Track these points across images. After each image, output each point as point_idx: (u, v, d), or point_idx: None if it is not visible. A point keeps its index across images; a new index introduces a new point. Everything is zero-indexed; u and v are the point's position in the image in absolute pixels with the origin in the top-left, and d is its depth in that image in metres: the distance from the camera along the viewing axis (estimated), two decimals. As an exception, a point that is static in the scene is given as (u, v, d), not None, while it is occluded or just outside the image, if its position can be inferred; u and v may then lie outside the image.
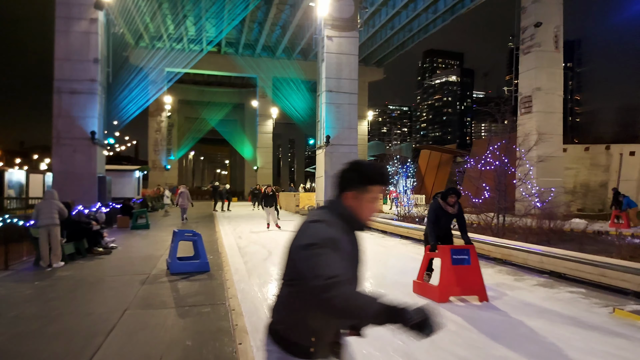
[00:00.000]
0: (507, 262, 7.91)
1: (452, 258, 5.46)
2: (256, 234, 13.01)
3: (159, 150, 39.99)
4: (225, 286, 6.03)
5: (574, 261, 6.33)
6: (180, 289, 6.06)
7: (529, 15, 22.15)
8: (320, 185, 18.75)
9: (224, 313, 4.77)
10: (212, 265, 7.50)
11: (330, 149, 18.38)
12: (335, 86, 18.72)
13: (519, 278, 6.83)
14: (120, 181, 21.75)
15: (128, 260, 8.38)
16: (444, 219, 5.95)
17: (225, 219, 18.31)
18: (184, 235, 7.30)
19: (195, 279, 6.66)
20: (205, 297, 5.51)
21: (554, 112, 21.79)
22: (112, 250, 9.44)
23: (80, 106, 16.94)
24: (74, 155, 16.79)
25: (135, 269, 7.51)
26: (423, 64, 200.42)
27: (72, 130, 16.78)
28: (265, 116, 41.27)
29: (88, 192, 16.60)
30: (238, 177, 56.38)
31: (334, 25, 18.82)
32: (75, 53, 16.97)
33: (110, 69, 18.86)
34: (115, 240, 10.55)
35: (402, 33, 36.74)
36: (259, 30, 36.10)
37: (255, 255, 9.10)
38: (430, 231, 5.82)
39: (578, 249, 10.05)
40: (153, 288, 6.07)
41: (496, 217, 13.01)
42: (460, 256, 5.50)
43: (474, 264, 5.52)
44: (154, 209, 24.74)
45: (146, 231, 13.93)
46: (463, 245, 5.71)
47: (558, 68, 21.99)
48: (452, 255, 5.47)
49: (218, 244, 10.41)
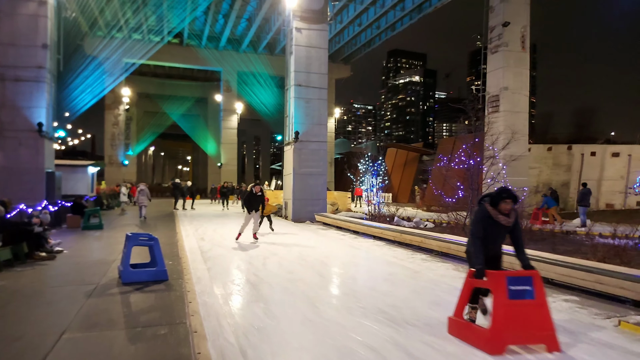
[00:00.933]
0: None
1: (508, 289, 3.88)
2: (220, 235, 12.17)
3: (116, 145, 38.03)
4: (185, 299, 5.26)
5: (567, 267, 5.95)
6: (133, 303, 5.24)
7: (497, 15, 22.21)
8: (289, 183, 18.03)
9: (184, 336, 4.03)
10: (171, 273, 6.68)
11: (299, 145, 17.68)
12: (304, 80, 18.03)
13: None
14: (72, 177, 20.26)
15: (74, 267, 7.41)
16: (494, 233, 4.27)
17: (186, 218, 17.29)
18: (138, 239, 6.44)
19: (151, 289, 5.84)
20: (162, 314, 4.73)
21: (520, 112, 21.94)
22: (56, 255, 8.40)
23: (26, 95, 15.52)
24: (19, 149, 15.38)
25: (82, 277, 6.59)
26: (387, 64, 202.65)
27: (16, 122, 15.35)
28: (230, 111, 40.02)
29: (34, 190, 15.23)
30: (201, 174, 54.74)
31: (303, 17, 18.10)
32: (21, 37, 15.52)
33: (61, 56, 17.45)
34: (62, 243, 9.46)
35: (370, 30, 36.51)
36: (223, 22, 34.87)
37: (220, 259, 8.32)
38: (476, 250, 4.17)
39: (551, 249, 9.89)
40: (100, 302, 5.21)
41: (469, 216, 12.74)
42: (520, 287, 3.93)
43: (539, 297, 3.95)
44: (109, 207, 23.30)
45: (99, 232, 12.80)
46: (524, 272, 4.11)
47: (525, 68, 22.16)
48: (508, 286, 3.89)
49: (178, 247, 9.54)
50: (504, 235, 4.32)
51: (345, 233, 13.16)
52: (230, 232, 12.60)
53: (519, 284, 3.91)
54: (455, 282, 6.47)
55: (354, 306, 5.14)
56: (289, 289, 6.02)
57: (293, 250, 9.62)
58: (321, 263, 8.16)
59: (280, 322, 4.58)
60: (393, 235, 10.70)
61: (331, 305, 5.24)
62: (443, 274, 7.07)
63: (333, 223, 15.04)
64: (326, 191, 18.75)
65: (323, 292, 5.94)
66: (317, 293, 5.80)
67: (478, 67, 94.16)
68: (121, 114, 38.18)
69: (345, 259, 8.70)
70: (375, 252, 9.60)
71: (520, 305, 3.86)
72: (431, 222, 15.94)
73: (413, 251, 9.49)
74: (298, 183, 17.70)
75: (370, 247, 10.33)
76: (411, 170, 34.82)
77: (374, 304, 5.21)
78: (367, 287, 6.11)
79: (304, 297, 5.59)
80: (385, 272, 7.10)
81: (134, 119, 42.51)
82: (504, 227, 4.20)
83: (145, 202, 16.64)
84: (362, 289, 6.03)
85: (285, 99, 19.23)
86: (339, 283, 6.44)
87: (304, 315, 4.81)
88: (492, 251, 4.32)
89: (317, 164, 18.10)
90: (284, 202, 18.88)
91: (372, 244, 10.77)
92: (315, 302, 5.31)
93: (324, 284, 6.48)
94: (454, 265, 7.78)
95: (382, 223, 13.63)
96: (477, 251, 4.15)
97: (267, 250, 9.51)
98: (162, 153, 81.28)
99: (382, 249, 10.01)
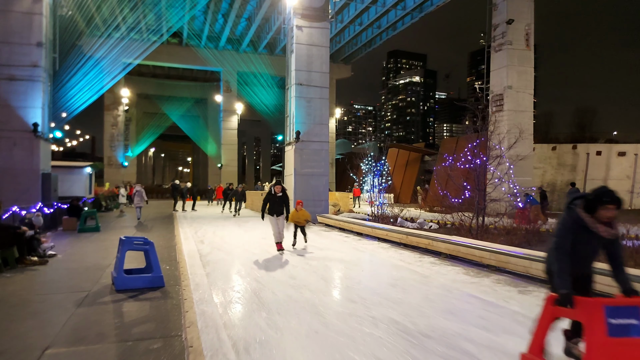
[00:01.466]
0: (501, 269, 7.13)
1: (607, 323, 2.82)
2: (220, 237, 11.81)
3: (115, 146, 37.78)
4: (182, 308, 4.90)
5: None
6: (126, 313, 4.88)
7: (501, 12, 21.90)
8: (290, 183, 17.66)
9: (179, 351, 3.67)
10: (167, 279, 6.33)
11: (301, 145, 17.33)
12: (305, 79, 17.68)
13: (523, 289, 6.04)
14: (70, 179, 19.90)
15: (66, 273, 7.06)
16: (588, 246, 3.30)
17: (186, 220, 16.93)
18: (133, 244, 6.09)
19: (145, 297, 5.48)
20: (157, 326, 4.37)
21: (525, 111, 21.62)
22: (48, 260, 8.04)
23: (20, 94, 15.19)
24: (13, 150, 15.05)
25: (73, 284, 6.24)
26: (387, 64, 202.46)
27: (11, 122, 15.02)
28: (230, 112, 39.70)
29: (29, 191, 14.91)
30: (201, 175, 54.37)
31: (304, 14, 17.77)
32: (15, 35, 15.19)
33: (57, 55, 17.08)
34: (55, 247, 9.13)
35: (371, 29, 36.19)
36: (223, 21, 34.55)
37: (219, 264, 7.96)
38: (561, 268, 3.18)
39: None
40: (90, 312, 4.85)
41: (475, 217, 12.39)
42: (623, 320, 2.86)
43: None
44: (108, 209, 22.97)
45: (96, 234, 12.45)
46: (628, 299, 3.05)
47: (529, 66, 21.85)
48: (607, 318, 2.84)
49: (176, 251, 9.18)
50: (598, 250, 3.36)
51: (349, 235, 12.80)
52: (230, 235, 12.27)
53: (623, 316, 2.87)
54: (467, 288, 6.11)
55: (363, 315, 4.77)
56: (293, 296, 5.66)
57: (296, 253, 9.26)
58: (325, 267, 7.80)
59: (284, 334, 4.22)
60: (399, 237, 10.34)
61: (338, 314, 4.88)
62: (454, 278, 6.71)
63: (336, 224, 14.68)
64: (328, 192, 18.40)
65: (329, 299, 5.57)
66: (323, 301, 5.43)
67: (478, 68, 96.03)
68: (120, 114, 37.89)
69: (350, 263, 8.35)
70: (380, 254, 9.24)
71: (625, 345, 2.82)
72: (435, 223, 15.60)
73: (420, 254, 9.13)
74: (299, 184, 17.35)
75: (376, 249, 9.97)
76: (413, 171, 34.43)
77: (385, 313, 4.85)
78: (375, 294, 5.74)
79: (308, 305, 5.23)
80: (393, 276, 6.74)
81: (133, 120, 42.21)
82: (600, 240, 3.23)
83: (141, 203, 16.49)
84: (370, 295, 5.67)
85: (286, 99, 18.88)
86: (346, 289, 6.07)
87: (310, 326, 4.45)
88: (582, 270, 3.35)
89: (318, 164, 17.76)
90: (285, 204, 18.51)
91: (377, 246, 10.41)
92: (321, 311, 4.95)
93: (329, 291, 6.12)
94: (464, 269, 7.41)
95: (385, 224, 13.29)
96: (562, 270, 3.16)
97: (268, 253, 9.15)
98: (162, 154, 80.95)
99: (388, 251, 9.65)
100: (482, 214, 12.28)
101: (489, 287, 6.17)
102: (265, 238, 11.53)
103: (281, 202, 9.29)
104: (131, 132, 41.38)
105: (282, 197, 9.34)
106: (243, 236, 12.11)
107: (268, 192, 9.46)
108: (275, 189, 9.29)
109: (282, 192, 9.33)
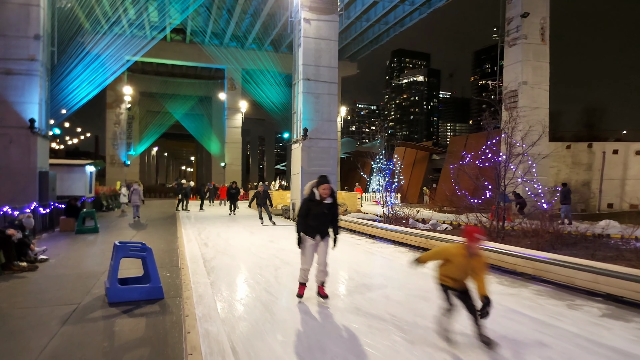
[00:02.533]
0: (536, 278, 6.39)
1: None
2: (225, 240, 11.11)
3: (118, 144, 37.18)
4: (183, 328, 4.19)
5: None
6: (117, 333, 4.17)
7: (515, 6, 21.11)
8: (297, 182, 16.96)
9: (179, 390, 2.96)
10: (167, 288, 5.64)
11: (308, 143, 16.61)
12: (313, 74, 16.96)
13: (571, 304, 5.30)
14: (69, 177, 19.24)
15: (56, 281, 6.37)
16: None
17: (189, 220, 16.24)
18: (128, 250, 5.39)
19: (142, 312, 4.78)
20: (152, 351, 3.67)
21: (540, 108, 20.80)
22: (38, 266, 7.36)
23: (17, 90, 14.53)
24: (9, 147, 14.38)
25: (62, 295, 5.54)
26: (391, 64, 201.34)
27: (6, 118, 14.35)
28: (234, 110, 39.02)
29: (26, 190, 14.23)
30: (205, 174, 53.78)
31: (312, 7, 17.04)
32: (11, 27, 14.51)
33: (55, 49, 16.41)
34: (48, 250, 8.46)
35: (378, 26, 35.40)
36: (227, 18, 33.84)
37: (225, 270, 7.25)
38: None
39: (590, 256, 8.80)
40: (77, 332, 4.16)
41: (495, 218, 11.67)
42: None
43: None
44: (109, 209, 22.36)
45: (94, 236, 11.80)
46: None
47: (545, 61, 21.02)
48: None
49: (178, 255, 8.49)
50: None
51: (361, 237, 12.07)
52: (235, 237, 11.56)
53: None
54: (508, 301, 5.35)
55: (398, 340, 4.04)
56: (310, 312, 4.95)
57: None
58: (342, 275, 7.08)
59: (305, 363, 3.51)
60: (417, 240, 9.60)
61: (369, 337, 4.15)
62: (492, 290, 5.94)
63: (346, 226, 13.95)
64: (337, 191, 17.66)
65: (354, 317, 4.81)
66: (348, 319, 4.70)
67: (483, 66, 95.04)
68: (123, 112, 37.32)
69: (369, 270, 7.63)
70: (400, 260, 8.49)
71: None
72: (448, 223, 14.89)
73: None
74: (307, 183, 16.61)
75: (393, 254, 9.23)
76: (420, 170, 33.69)
77: (425, 337, 4.11)
78: (407, 310, 5.00)
79: (330, 324, 4.52)
80: (421, 287, 6.00)
81: (136, 118, 41.66)
82: None
83: (138, 202, 16.33)
84: (401, 312, 4.92)
85: (293, 94, 18.17)
86: (372, 304, 5.30)
87: (336, 353, 3.73)
88: None
89: (327, 162, 17.04)
90: (292, 203, 17.81)
91: (393, 251, 9.68)
92: (348, 334, 4.23)
93: (353, 306, 5.29)
94: (496, 277, 6.66)
95: (397, 225, 12.57)
96: None
97: (277, 258, 8.43)
98: (165, 153, 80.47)
99: (407, 256, 8.92)
100: (503, 215, 11.57)
101: (531, 300, 5.43)
102: (272, 241, 10.84)
103: (328, 215, 5.30)
104: (134, 131, 40.86)
105: (332, 206, 5.31)
106: (249, 238, 11.41)
107: (307, 199, 5.36)
108: (321, 192, 5.22)
109: (332, 197, 5.31)
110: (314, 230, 5.31)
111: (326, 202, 5.24)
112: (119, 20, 28.64)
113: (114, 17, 28.19)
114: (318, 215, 5.25)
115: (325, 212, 5.25)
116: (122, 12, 27.43)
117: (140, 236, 11.61)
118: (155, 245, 9.48)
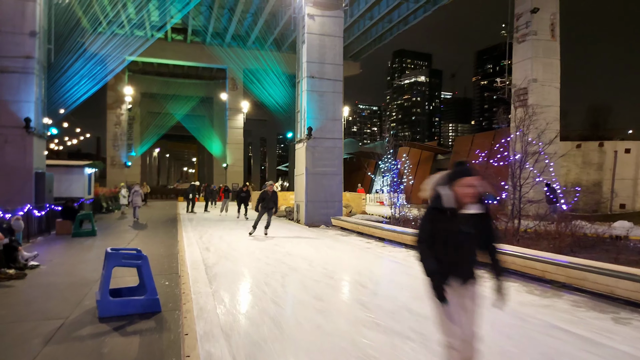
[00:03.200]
0: (568, 285, 5.84)
1: None
2: (227, 243, 10.59)
3: (118, 145, 36.74)
4: (182, 350, 3.67)
5: None
6: (107, 355, 3.65)
7: (524, 1, 20.58)
8: (301, 183, 16.43)
9: None
10: (165, 300, 5.12)
11: (313, 142, 16.08)
12: (318, 72, 16.43)
13: (616, 317, 4.74)
14: (67, 179, 18.72)
15: (45, 290, 5.85)
16: None
17: (190, 223, 15.72)
18: (121, 259, 4.87)
19: (135, 329, 4.26)
20: (145, 380, 3.15)
21: (551, 106, 20.23)
22: (27, 273, 6.85)
23: (12, 88, 14.05)
24: (5, 147, 13.92)
25: (49, 307, 5.03)
26: (392, 64, 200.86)
27: (1, 117, 13.90)
28: (236, 110, 38.54)
29: (22, 192, 13.75)
30: (207, 175, 53.30)
31: (317, 2, 16.51)
32: (6, 23, 14.05)
33: (52, 46, 15.94)
34: (40, 255, 7.93)
35: (381, 24, 34.87)
36: (228, 17, 33.36)
37: (228, 278, 6.73)
38: None
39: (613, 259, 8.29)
40: (60, 354, 3.64)
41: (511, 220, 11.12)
42: None
43: None
44: (109, 210, 21.87)
45: (91, 239, 11.30)
46: None
47: (555, 58, 20.48)
48: None
49: (178, 260, 7.97)
50: None
51: (370, 240, 11.54)
52: (238, 241, 11.04)
53: None
54: (543, 314, 4.81)
55: (426, 362, 3.52)
56: (324, 327, 4.42)
57: (315, 263, 8.00)
58: (355, 283, 6.56)
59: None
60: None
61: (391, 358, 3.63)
62: (520, 300, 5.41)
63: (353, 228, 13.43)
64: (342, 192, 17.14)
65: (373, 334, 4.28)
66: (365, 335, 4.18)
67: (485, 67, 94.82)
68: (123, 113, 36.91)
69: (383, 277, 7.10)
70: (415, 266, 7.94)
71: None
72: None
73: (460, 265, 7.85)
74: (311, 184, 16.11)
75: (406, 259, 8.70)
76: (425, 170, 33.11)
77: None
78: (432, 323, 4.48)
79: (348, 342, 3.99)
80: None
81: (137, 119, 41.21)
82: None
83: (139, 203, 16.65)
84: (425, 326, 4.41)
85: (297, 93, 17.64)
86: (391, 317, 4.77)
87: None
88: None
89: (331, 162, 16.51)
90: (296, 205, 17.28)
91: (406, 255, 9.14)
92: (366, 356, 3.71)
93: (369, 320, 4.72)
94: (524, 286, 6.13)
95: (407, 227, 12.03)
96: None
97: (283, 264, 7.91)
98: (167, 155, 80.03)
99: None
100: (519, 217, 11.04)
101: (569, 313, 4.89)
102: (277, 244, 10.32)
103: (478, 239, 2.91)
104: (135, 132, 40.42)
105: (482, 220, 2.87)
106: (253, 242, 10.88)
107: (431, 208, 2.88)
108: (461, 193, 2.77)
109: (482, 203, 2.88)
110: (448, 268, 2.85)
111: (469, 213, 2.80)
112: (117, 17, 28.13)
113: (112, 14, 27.70)
114: (454, 240, 2.81)
115: (470, 234, 2.81)
116: (121, 8, 26.92)
117: (139, 239, 11.10)
118: (154, 250, 8.98)
